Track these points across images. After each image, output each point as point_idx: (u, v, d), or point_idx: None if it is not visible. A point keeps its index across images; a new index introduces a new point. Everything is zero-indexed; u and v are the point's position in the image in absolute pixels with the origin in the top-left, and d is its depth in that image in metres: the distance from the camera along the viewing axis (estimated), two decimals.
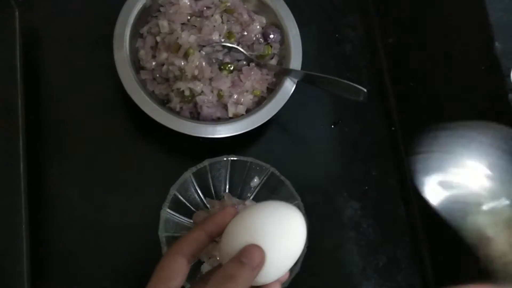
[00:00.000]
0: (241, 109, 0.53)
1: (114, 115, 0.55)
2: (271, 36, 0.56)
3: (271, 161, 0.51)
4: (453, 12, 0.50)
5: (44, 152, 0.53)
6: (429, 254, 0.55)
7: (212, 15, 0.55)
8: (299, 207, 0.49)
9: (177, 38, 0.52)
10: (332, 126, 0.59)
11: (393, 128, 0.60)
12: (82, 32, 0.57)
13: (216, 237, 0.36)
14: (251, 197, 0.53)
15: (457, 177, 0.38)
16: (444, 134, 0.40)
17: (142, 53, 0.54)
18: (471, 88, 0.47)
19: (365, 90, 0.49)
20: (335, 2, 0.64)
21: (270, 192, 0.52)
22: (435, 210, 0.54)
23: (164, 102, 0.54)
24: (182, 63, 0.52)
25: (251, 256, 0.32)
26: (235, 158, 0.50)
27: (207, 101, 0.53)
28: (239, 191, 0.53)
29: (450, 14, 0.51)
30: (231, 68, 0.54)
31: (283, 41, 0.56)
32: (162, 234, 0.47)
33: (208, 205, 0.52)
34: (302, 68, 0.55)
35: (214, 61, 0.55)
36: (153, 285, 0.34)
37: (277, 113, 0.53)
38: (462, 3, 0.48)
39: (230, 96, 0.53)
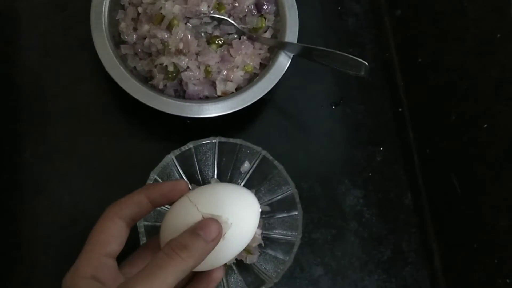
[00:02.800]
0: (231, 86, 0.48)
1: (93, 94, 0.51)
2: (265, 7, 0.51)
3: (265, 145, 0.46)
4: None
5: (16, 134, 0.49)
6: (438, 247, 0.50)
7: None
8: (293, 195, 0.45)
9: (160, 8, 0.48)
10: (333, 107, 0.55)
11: (400, 109, 0.55)
12: (60, 3, 0.53)
13: (158, 206, 0.34)
14: (242, 183, 0.48)
15: None
16: None
17: (122, 25, 0.49)
18: (487, 60, 0.42)
19: (367, 64, 0.44)
20: None
21: (262, 178, 0.47)
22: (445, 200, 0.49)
23: (147, 80, 0.49)
24: (165, 36, 0.47)
25: (208, 229, 0.31)
26: (223, 140, 0.46)
27: (193, 78, 0.48)
28: (228, 177, 0.48)
29: None
30: (221, 42, 0.50)
31: (278, 13, 0.51)
32: (141, 223, 0.43)
33: None
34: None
35: (202, 34, 0.50)
36: (89, 250, 0.31)
37: (271, 91, 0.48)
38: None
39: (219, 72, 0.49)
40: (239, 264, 0.46)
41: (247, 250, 0.46)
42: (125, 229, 0.33)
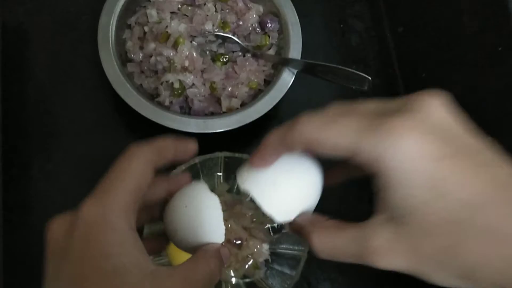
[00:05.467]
0: (236, 102, 0.49)
1: (101, 112, 0.52)
2: (269, 25, 0.52)
3: None
4: None
5: (24, 151, 0.49)
6: None
7: (205, 4, 0.51)
8: None
9: (166, 27, 0.49)
10: None
11: None
12: (68, 23, 0.54)
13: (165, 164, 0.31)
14: (248, 198, 0.48)
15: None
16: None
17: (129, 44, 0.50)
18: (488, 73, 0.42)
19: (370, 78, 0.44)
20: None
21: None
22: None
23: (153, 97, 0.50)
24: (171, 53, 0.48)
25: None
26: (228, 155, 0.46)
27: (198, 94, 0.49)
28: (234, 192, 0.49)
29: None
30: (225, 60, 0.50)
31: (282, 30, 0.52)
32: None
33: None
34: None
35: (207, 52, 0.51)
36: (122, 187, 0.28)
37: (275, 107, 0.49)
38: None
39: (224, 88, 0.49)
40: (245, 280, 0.46)
41: (253, 265, 0.46)
42: (152, 175, 0.29)
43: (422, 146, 0.24)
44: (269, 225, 0.47)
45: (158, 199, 0.33)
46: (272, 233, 0.47)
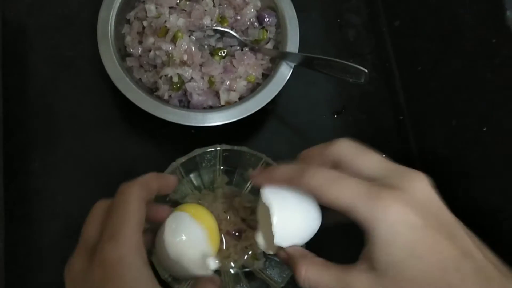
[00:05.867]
0: (234, 96, 0.50)
1: (101, 105, 0.52)
2: (266, 19, 0.53)
3: (268, 153, 0.47)
4: None
5: (25, 145, 0.50)
6: None
7: None
8: None
9: (165, 21, 0.49)
10: (335, 116, 0.55)
11: (401, 117, 0.56)
12: (68, 19, 0.55)
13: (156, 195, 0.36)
14: (247, 190, 0.49)
15: None
16: None
17: (128, 39, 0.51)
18: (483, 64, 0.43)
19: (366, 71, 0.45)
20: None
21: None
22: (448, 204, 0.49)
23: (152, 91, 0.50)
24: (170, 48, 0.49)
25: None
26: (227, 148, 0.47)
27: (197, 88, 0.49)
28: (233, 184, 0.49)
29: None
30: (224, 54, 0.51)
31: (279, 25, 0.53)
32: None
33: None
34: None
35: (205, 47, 0.52)
36: (127, 224, 0.31)
37: (273, 100, 0.50)
38: None
39: (222, 82, 0.50)
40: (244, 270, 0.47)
41: (252, 256, 0.46)
42: (145, 209, 0.34)
43: (405, 216, 0.30)
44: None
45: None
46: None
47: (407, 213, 0.30)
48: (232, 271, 0.46)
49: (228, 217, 0.47)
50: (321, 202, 0.34)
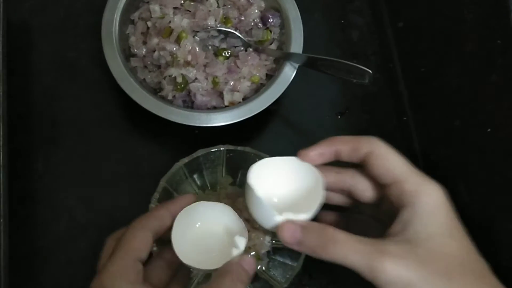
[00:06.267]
0: (238, 96, 0.50)
1: (104, 106, 0.53)
2: (270, 20, 0.53)
3: (271, 154, 0.47)
4: None
5: (29, 145, 0.50)
6: None
7: None
8: None
9: (169, 22, 0.50)
10: (339, 116, 0.55)
11: (404, 118, 0.56)
12: (72, 20, 0.55)
13: None
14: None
15: None
16: None
17: (132, 39, 0.51)
18: (488, 66, 0.43)
19: (370, 71, 0.45)
20: None
21: None
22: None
23: (156, 91, 0.51)
24: (174, 48, 0.49)
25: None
26: (231, 148, 0.47)
27: (201, 88, 0.49)
28: (237, 185, 0.49)
29: None
30: (228, 54, 0.51)
31: (283, 25, 0.53)
32: None
33: None
34: None
35: (209, 47, 0.52)
36: (123, 254, 0.33)
37: (277, 101, 0.50)
38: None
39: (226, 83, 0.50)
40: None
41: (256, 256, 0.46)
42: (151, 240, 0.35)
43: (446, 201, 0.34)
44: None
45: (167, 228, 0.37)
46: None
47: (447, 200, 0.34)
48: None
49: None
50: (376, 166, 0.36)
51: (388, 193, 0.35)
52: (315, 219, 0.36)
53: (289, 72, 0.50)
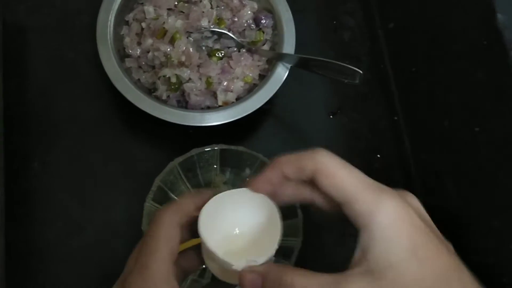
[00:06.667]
0: (231, 96, 0.50)
1: (99, 106, 0.53)
2: (263, 21, 0.54)
3: (265, 153, 0.48)
4: None
5: (25, 145, 0.51)
6: None
7: (201, 1, 0.53)
8: None
9: (163, 23, 0.50)
10: (331, 116, 0.56)
11: (395, 117, 0.57)
12: (67, 21, 0.56)
13: None
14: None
15: None
16: None
17: (127, 40, 0.52)
18: (474, 65, 0.44)
19: (361, 72, 0.46)
20: None
21: None
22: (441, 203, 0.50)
23: (150, 91, 0.51)
24: (168, 49, 0.50)
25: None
26: (224, 147, 0.48)
27: (195, 88, 0.50)
28: (231, 183, 0.50)
29: None
30: (221, 55, 0.52)
31: (276, 26, 0.54)
32: (145, 229, 0.44)
33: None
34: None
35: (203, 48, 0.52)
36: (158, 254, 0.31)
37: (270, 101, 0.50)
38: None
39: (220, 83, 0.51)
40: None
41: None
42: (180, 234, 0.33)
43: (408, 215, 0.29)
44: None
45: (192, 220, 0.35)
46: None
47: (410, 213, 0.29)
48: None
49: None
50: (323, 186, 0.31)
51: (344, 213, 0.31)
52: None
53: (281, 73, 0.51)
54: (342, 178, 0.30)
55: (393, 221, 0.29)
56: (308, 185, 0.33)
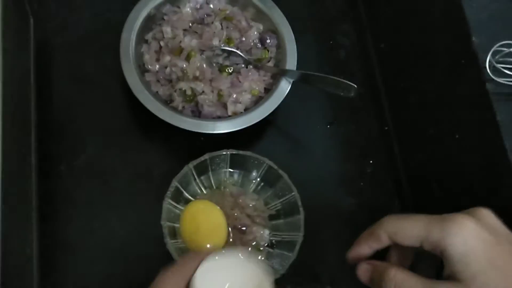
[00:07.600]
0: (240, 107, 0.56)
1: (121, 116, 0.58)
2: (268, 41, 0.60)
3: (270, 157, 0.53)
4: (435, 16, 0.53)
5: (54, 149, 0.56)
6: None
7: (212, 22, 0.59)
8: (295, 199, 0.51)
9: (180, 42, 0.56)
10: (328, 126, 0.62)
11: (386, 128, 0.63)
12: (92, 39, 0.61)
13: None
14: (251, 190, 0.55)
15: None
16: None
17: (146, 57, 0.57)
18: (455, 81, 0.50)
19: (355, 86, 0.52)
20: (329, 11, 0.68)
21: (268, 185, 0.54)
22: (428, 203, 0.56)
23: (167, 102, 0.57)
24: (184, 65, 0.55)
25: None
26: (234, 152, 0.53)
27: (207, 100, 0.56)
28: (239, 185, 0.55)
29: (432, 17, 0.54)
30: (230, 71, 0.58)
31: (279, 45, 0.60)
32: (164, 224, 0.49)
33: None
34: None
35: (214, 64, 0.58)
36: None
37: (275, 113, 0.56)
38: (441, 6, 0.52)
39: (230, 95, 0.56)
40: None
41: (256, 248, 0.52)
42: None
43: (478, 232, 0.34)
44: (268, 213, 0.54)
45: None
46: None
47: (479, 230, 0.34)
48: None
49: (235, 214, 0.53)
50: (399, 243, 0.38)
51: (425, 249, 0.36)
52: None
53: (284, 86, 0.57)
54: (411, 227, 0.36)
55: (464, 241, 0.34)
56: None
